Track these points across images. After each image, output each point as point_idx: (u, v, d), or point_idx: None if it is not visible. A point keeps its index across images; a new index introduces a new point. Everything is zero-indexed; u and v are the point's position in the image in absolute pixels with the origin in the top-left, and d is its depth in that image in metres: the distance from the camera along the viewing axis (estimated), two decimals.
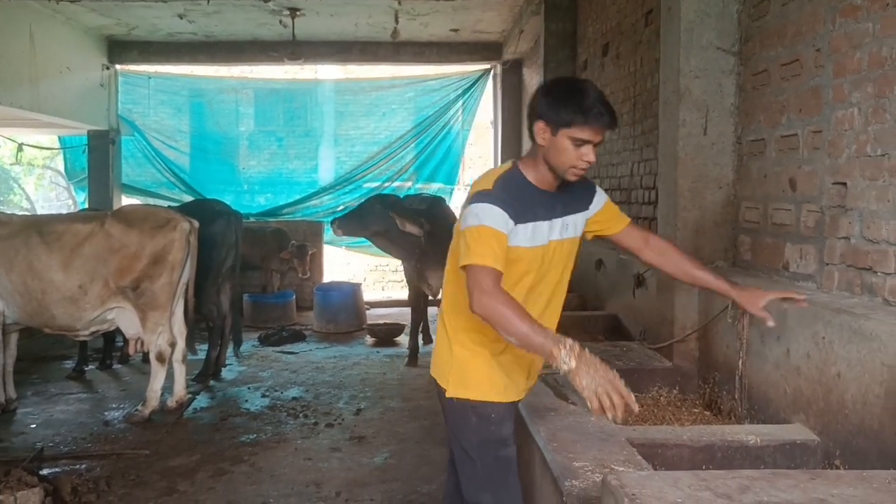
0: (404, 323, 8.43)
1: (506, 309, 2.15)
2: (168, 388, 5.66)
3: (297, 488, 4.30)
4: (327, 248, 11.26)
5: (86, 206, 11.16)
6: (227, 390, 6.43)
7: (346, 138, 12.10)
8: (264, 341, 8.28)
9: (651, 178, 5.40)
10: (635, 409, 2.05)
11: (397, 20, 9.51)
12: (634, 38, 5.89)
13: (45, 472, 4.35)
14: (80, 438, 5.14)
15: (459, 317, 2.50)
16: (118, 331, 5.87)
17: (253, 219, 11.01)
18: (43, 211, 18.46)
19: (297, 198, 11.84)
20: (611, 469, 2.54)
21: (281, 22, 9.54)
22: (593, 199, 2.60)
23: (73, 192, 14.71)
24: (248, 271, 9.20)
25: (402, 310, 9.44)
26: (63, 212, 14.47)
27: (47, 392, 6.28)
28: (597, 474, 2.52)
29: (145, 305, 5.40)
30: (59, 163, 15.15)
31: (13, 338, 5.73)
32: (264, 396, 6.19)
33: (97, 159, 10.97)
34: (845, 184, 3.03)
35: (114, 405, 5.94)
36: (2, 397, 5.64)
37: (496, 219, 2.27)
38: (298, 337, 8.53)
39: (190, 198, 10.50)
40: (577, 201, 2.53)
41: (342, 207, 10.71)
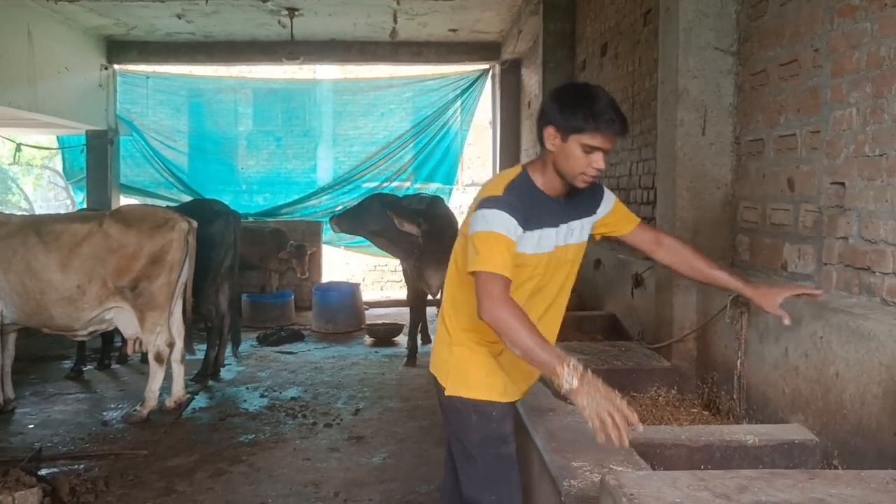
0: (403, 323, 8.43)
1: (514, 321, 2.14)
2: (166, 388, 5.66)
3: (295, 488, 4.30)
4: (326, 248, 11.26)
5: (84, 206, 11.15)
6: (225, 390, 6.43)
7: (345, 138, 12.09)
8: (263, 341, 8.27)
9: (650, 178, 5.40)
10: (639, 428, 2.02)
11: (396, 20, 9.51)
12: (633, 37, 5.90)
13: (43, 472, 4.34)
14: (78, 438, 5.13)
15: (460, 316, 2.51)
16: (116, 331, 5.87)
17: (251, 219, 11.00)
18: (41, 211, 18.44)
19: (296, 198, 11.83)
20: (609, 469, 2.54)
21: (279, 22, 9.53)
22: (601, 202, 2.57)
23: (72, 192, 14.70)
24: (247, 271, 9.19)
25: (401, 310, 9.44)
26: (61, 212, 14.46)
27: (45, 392, 6.27)
28: (595, 474, 2.52)
29: (144, 305, 5.40)
30: (58, 163, 15.12)
31: (11, 338, 5.72)
32: (263, 396, 6.19)
33: (95, 159, 10.96)
34: (843, 184, 3.03)
35: (112, 405, 5.93)
36: (0, 397, 5.64)
37: (506, 225, 2.25)
38: (297, 337, 8.52)
39: (188, 198, 10.48)
40: (584, 206, 2.50)
41: (340, 207, 10.67)
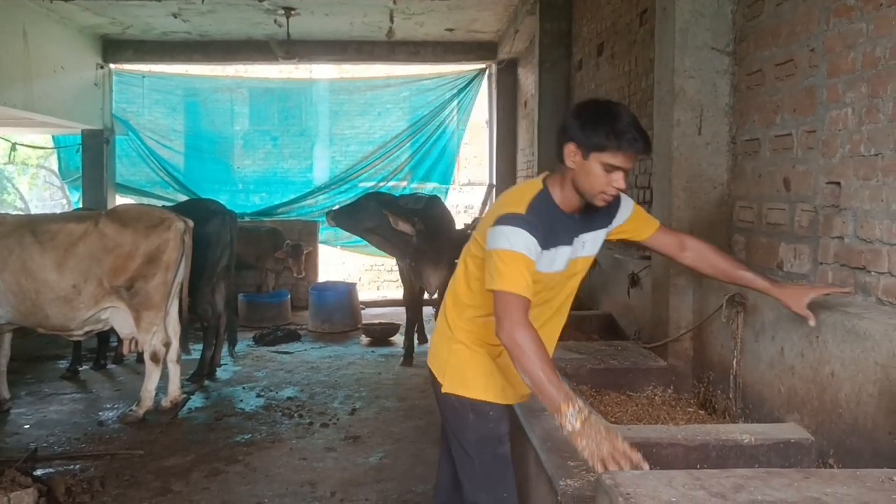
0: (399, 323, 8.43)
1: (530, 348, 2.14)
2: (162, 387, 5.65)
3: (291, 488, 4.29)
4: (322, 248, 11.26)
5: (80, 205, 11.11)
6: (221, 390, 6.42)
7: (341, 138, 12.09)
8: (259, 341, 8.26)
9: (646, 178, 5.40)
10: (645, 468, 2.02)
11: (392, 19, 9.50)
12: (629, 37, 5.90)
13: (38, 472, 4.34)
14: (74, 439, 5.12)
15: (462, 315, 2.51)
16: (112, 331, 5.85)
17: (248, 218, 11.00)
18: (37, 210, 18.42)
19: (292, 197, 11.83)
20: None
21: (276, 21, 9.51)
22: (617, 212, 2.53)
23: (68, 192, 14.66)
24: (243, 271, 9.17)
25: (398, 309, 9.44)
26: (57, 211, 14.42)
27: (41, 392, 6.26)
28: (591, 473, 2.52)
29: (139, 305, 5.39)
30: (53, 162, 15.11)
31: (7, 338, 5.71)
32: (259, 396, 6.18)
33: (91, 159, 10.95)
34: (839, 183, 3.04)
35: (108, 405, 5.92)
36: None
37: (528, 245, 2.23)
38: (293, 337, 8.52)
39: (184, 197, 10.48)
40: (599, 218, 2.47)
41: (337, 207, 10.70)
